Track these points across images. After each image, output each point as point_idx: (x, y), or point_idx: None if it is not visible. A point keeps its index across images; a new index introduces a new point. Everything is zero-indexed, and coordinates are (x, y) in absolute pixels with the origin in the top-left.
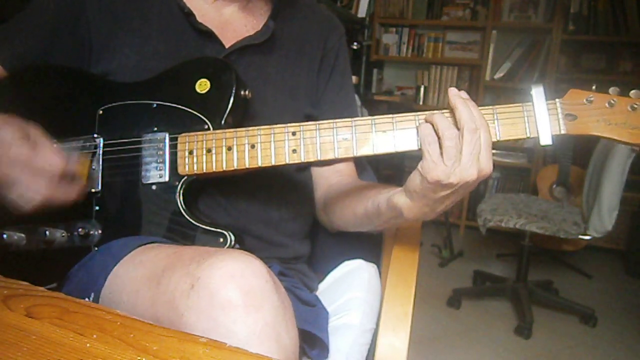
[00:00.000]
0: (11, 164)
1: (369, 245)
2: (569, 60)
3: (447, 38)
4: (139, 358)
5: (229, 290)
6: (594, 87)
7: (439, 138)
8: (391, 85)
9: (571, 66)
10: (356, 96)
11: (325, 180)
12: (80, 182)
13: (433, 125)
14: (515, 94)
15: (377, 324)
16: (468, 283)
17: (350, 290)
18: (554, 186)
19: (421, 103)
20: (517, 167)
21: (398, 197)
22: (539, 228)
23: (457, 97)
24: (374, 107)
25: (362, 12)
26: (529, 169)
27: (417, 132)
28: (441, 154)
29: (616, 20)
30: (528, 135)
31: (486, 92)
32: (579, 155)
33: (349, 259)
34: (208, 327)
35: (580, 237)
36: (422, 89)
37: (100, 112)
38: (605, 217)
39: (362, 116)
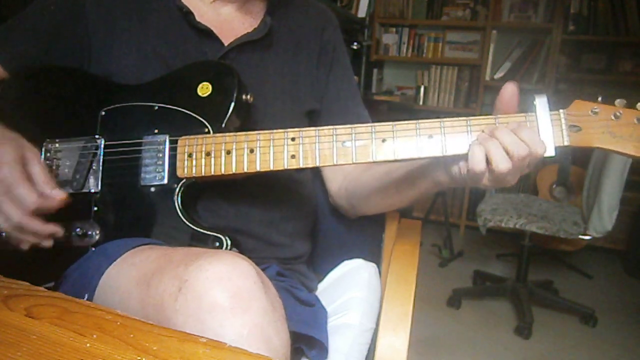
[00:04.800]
0: None
1: (369, 244)
2: (569, 60)
3: (447, 38)
4: (139, 358)
5: (215, 293)
6: (599, 99)
7: (487, 167)
8: (391, 85)
9: (571, 66)
10: None
11: (340, 170)
12: (55, 227)
13: (487, 152)
14: None
15: (377, 324)
16: (468, 283)
17: (350, 290)
18: (554, 186)
19: (421, 103)
20: None
21: (440, 175)
22: (539, 228)
23: (496, 130)
24: (374, 107)
25: (362, 12)
26: None
27: (469, 149)
28: (484, 174)
29: (616, 20)
30: None
31: (486, 92)
32: (579, 155)
33: (348, 259)
34: (196, 330)
35: (580, 237)
36: (422, 89)
37: (103, 113)
38: (605, 217)
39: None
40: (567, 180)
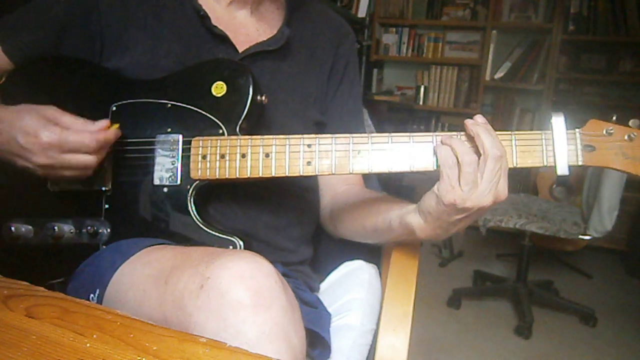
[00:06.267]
0: (47, 150)
1: (369, 246)
2: (569, 60)
3: (447, 38)
4: (139, 358)
5: (238, 291)
6: (614, 118)
7: (458, 163)
8: (391, 85)
9: (571, 66)
10: None
11: (331, 188)
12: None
13: (452, 149)
14: (515, 94)
15: (378, 325)
16: (468, 283)
17: (351, 291)
18: (554, 186)
19: (421, 103)
20: (517, 167)
21: (411, 217)
22: (539, 228)
23: (475, 125)
24: (374, 107)
25: (362, 12)
26: (529, 169)
27: (435, 152)
28: (459, 178)
29: (616, 20)
30: (545, 164)
31: (486, 92)
32: None
33: (349, 260)
34: (217, 327)
35: (580, 237)
36: (422, 89)
37: (114, 108)
38: (605, 217)
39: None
40: (567, 180)
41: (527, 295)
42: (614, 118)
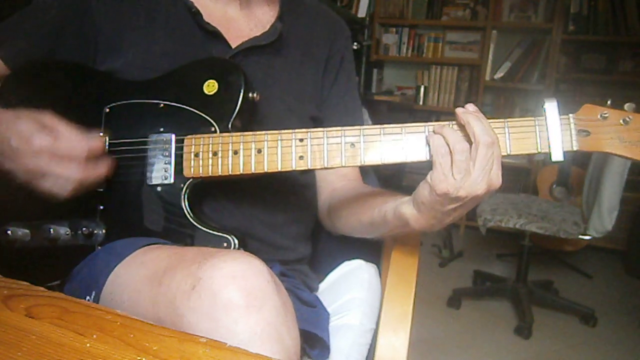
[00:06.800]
0: (37, 156)
1: (369, 245)
2: (569, 60)
3: (447, 38)
4: (139, 358)
5: (230, 291)
6: (609, 102)
7: (450, 151)
8: (391, 85)
9: (571, 66)
10: None
11: (329, 184)
12: (105, 161)
13: (444, 138)
14: (515, 94)
15: (377, 324)
16: (468, 283)
17: (350, 291)
18: (554, 186)
19: (421, 103)
20: (517, 167)
21: (405, 208)
22: (539, 228)
23: (466, 113)
24: (374, 107)
25: (362, 12)
26: (529, 169)
27: (427, 142)
28: (451, 167)
29: (616, 20)
30: (539, 150)
31: (486, 92)
32: (579, 155)
33: (349, 259)
34: (209, 328)
35: (580, 237)
36: (422, 89)
37: (107, 110)
38: (605, 217)
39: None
40: (567, 180)
41: (527, 295)
42: (609, 102)
